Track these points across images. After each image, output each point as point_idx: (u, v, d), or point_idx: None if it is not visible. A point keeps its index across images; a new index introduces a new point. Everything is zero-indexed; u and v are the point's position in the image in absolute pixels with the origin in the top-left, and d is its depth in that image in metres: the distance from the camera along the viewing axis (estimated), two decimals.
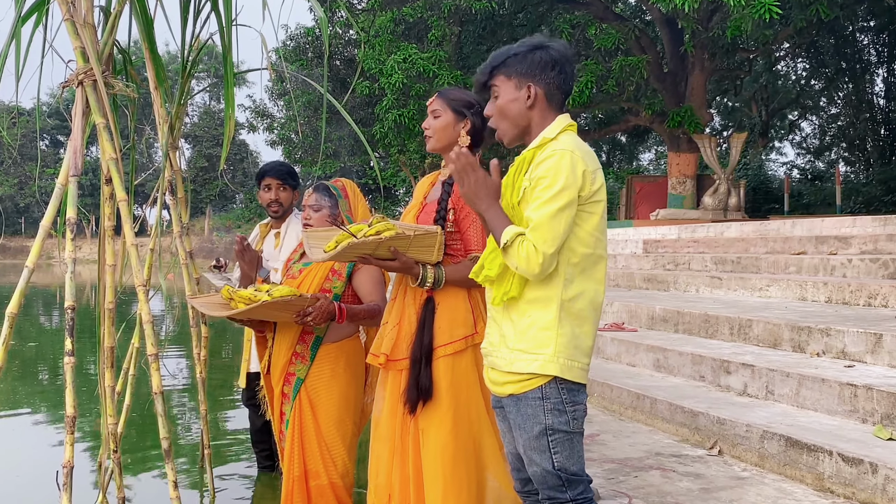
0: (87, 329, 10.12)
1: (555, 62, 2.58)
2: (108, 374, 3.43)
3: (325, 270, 3.87)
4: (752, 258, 9.33)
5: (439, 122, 3.32)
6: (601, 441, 4.96)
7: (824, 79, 27.95)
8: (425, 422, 3.21)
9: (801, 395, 4.74)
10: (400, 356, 3.27)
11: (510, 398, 2.58)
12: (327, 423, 3.84)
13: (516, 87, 2.58)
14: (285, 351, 3.86)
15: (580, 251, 2.50)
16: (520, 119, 2.60)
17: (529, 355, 2.50)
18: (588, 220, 2.50)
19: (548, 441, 2.52)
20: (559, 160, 2.44)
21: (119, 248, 3.53)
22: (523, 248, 2.41)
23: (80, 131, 3.30)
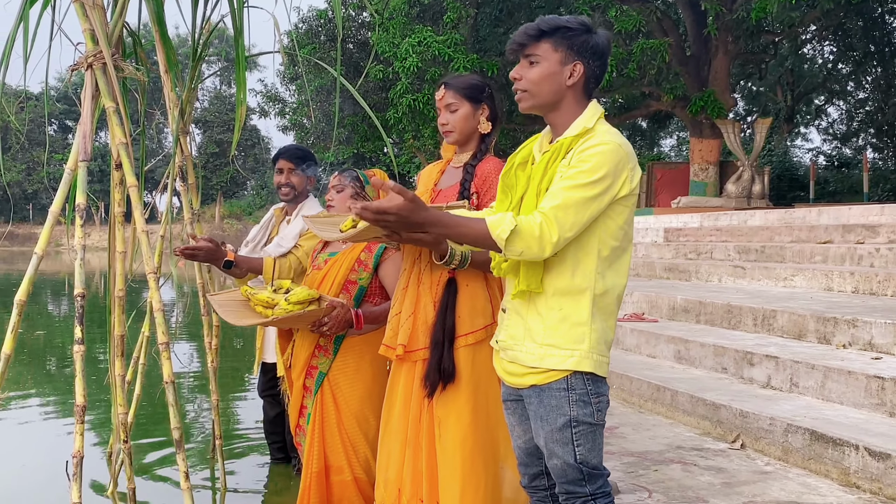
0: (97, 317, 10.19)
1: (603, 50, 2.55)
2: (118, 362, 3.44)
3: (350, 261, 3.82)
4: (776, 247, 9.28)
5: (459, 115, 3.29)
6: (620, 434, 4.96)
7: (852, 62, 27.70)
8: (443, 412, 3.18)
9: (827, 388, 4.72)
10: (416, 347, 3.24)
11: (532, 389, 2.55)
12: (349, 418, 3.80)
13: (561, 60, 2.52)
14: (308, 344, 3.82)
15: (610, 244, 2.48)
16: (555, 94, 2.54)
17: (564, 351, 2.47)
18: (621, 214, 2.48)
19: (571, 433, 2.50)
20: (608, 151, 2.40)
21: (129, 235, 3.55)
22: (536, 227, 2.34)
23: (89, 116, 3.31)
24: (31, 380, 8.25)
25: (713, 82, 18.71)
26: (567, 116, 2.56)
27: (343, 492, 3.79)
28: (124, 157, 3.31)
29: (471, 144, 3.35)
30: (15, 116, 5.42)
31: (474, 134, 3.34)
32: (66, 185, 3.25)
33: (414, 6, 18.65)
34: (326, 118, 23.39)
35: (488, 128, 3.32)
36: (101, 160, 35.31)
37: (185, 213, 4.35)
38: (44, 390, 7.79)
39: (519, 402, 2.69)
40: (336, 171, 4.05)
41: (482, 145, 3.34)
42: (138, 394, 4.28)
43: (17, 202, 55.49)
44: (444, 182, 3.39)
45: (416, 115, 18.36)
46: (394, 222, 2.35)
